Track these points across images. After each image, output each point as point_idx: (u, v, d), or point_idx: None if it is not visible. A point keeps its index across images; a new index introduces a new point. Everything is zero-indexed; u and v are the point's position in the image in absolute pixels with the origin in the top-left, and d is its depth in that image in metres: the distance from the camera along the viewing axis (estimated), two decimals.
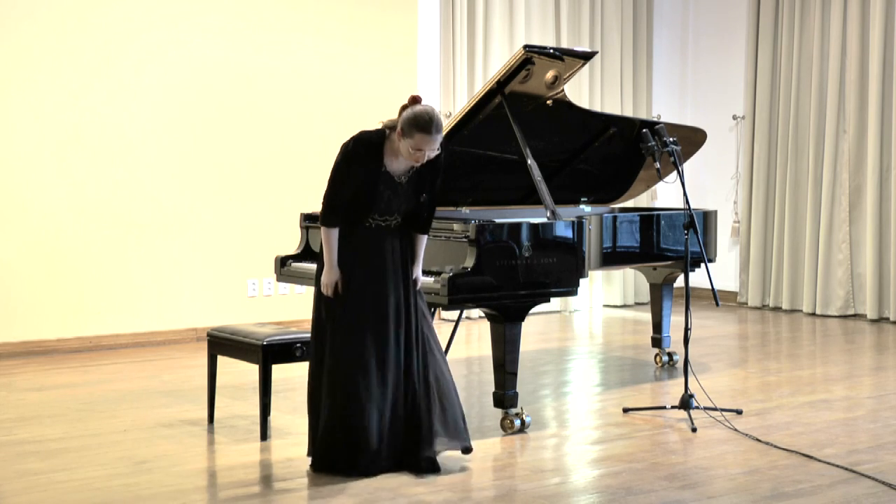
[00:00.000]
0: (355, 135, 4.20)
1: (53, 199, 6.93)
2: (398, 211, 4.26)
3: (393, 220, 4.27)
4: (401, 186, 4.22)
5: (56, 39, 6.90)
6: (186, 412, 5.26)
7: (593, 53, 5.47)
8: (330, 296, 4.22)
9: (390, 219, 4.26)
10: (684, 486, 4.10)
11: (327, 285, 4.22)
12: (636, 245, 5.80)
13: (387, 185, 4.19)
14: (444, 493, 4.01)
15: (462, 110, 5.31)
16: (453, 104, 8.43)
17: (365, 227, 4.23)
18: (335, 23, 7.93)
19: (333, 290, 4.22)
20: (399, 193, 4.22)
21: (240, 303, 7.63)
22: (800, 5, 8.87)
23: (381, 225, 4.25)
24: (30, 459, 4.42)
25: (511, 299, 4.80)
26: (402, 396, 4.24)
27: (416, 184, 4.26)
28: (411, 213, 4.31)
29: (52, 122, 6.91)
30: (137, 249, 7.23)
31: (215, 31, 7.46)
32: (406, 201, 4.26)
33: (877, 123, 8.38)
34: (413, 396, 4.25)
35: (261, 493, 4.01)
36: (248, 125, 7.63)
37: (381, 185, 4.18)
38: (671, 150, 5.24)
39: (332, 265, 4.22)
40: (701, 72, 9.83)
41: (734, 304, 9.46)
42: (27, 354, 6.82)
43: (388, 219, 4.25)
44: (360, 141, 4.16)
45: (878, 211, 8.43)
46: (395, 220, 4.28)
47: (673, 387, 5.94)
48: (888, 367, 6.61)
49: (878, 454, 4.53)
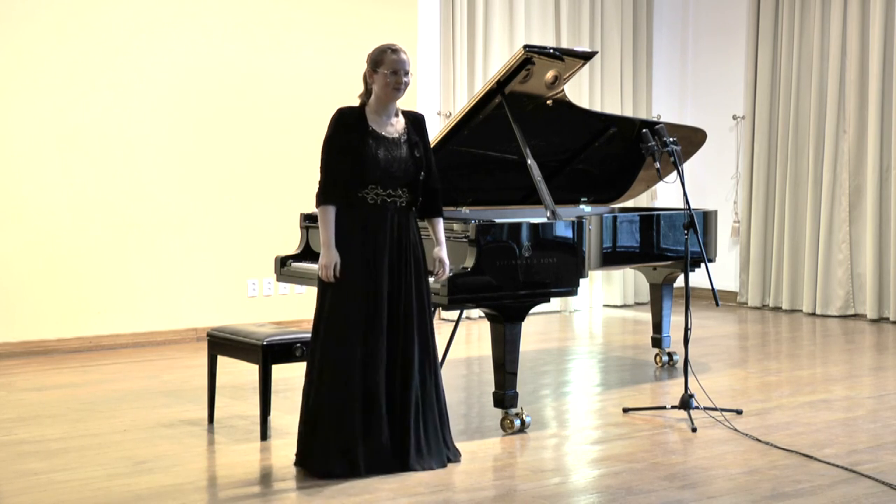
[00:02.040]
0: (337, 109, 4.25)
1: (53, 199, 6.93)
2: (399, 180, 4.19)
3: (397, 196, 4.20)
4: (394, 144, 4.19)
5: (56, 40, 6.89)
6: (186, 412, 5.26)
7: (593, 53, 5.47)
8: (330, 279, 4.14)
9: (394, 194, 4.20)
10: (684, 486, 4.10)
11: (325, 267, 4.14)
12: (636, 245, 5.80)
13: (378, 142, 4.17)
14: (444, 492, 4.01)
15: (462, 110, 5.31)
16: (453, 104, 8.43)
17: (368, 204, 4.16)
18: (335, 23, 7.93)
19: (333, 274, 4.13)
20: (393, 153, 4.18)
21: (240, 303, 7.63)
22: (800, 5, 8.87)
23: (387, 201, 4.18)
24: (30, 459, 4.42)
25: (511, 299, 4.80)
26: (391, 401, 4.18)
27: (408, 145, 4.24)
28: (417, 191, 4.26)
29: (53, 121, 6.91)
30: (137, 249, 7.23)
31: (215, 31, 7.46)
32: (404, 164, 4.20)
33: (877, 123, 8.38)
34: (402, 404, 4.19)
35: (261, 493, 4.01)
36: (248, 125, 7.63)
37: (372, 142, 4.16)
38: (671, 150, 5.24)
39: (330, 246, 4.15)
40: (701, 72, 9.83)
41: (734, 304, 9.46)
42: (27, 354, 6.82)
43: (391, 193, 4.19)
44: (344, 110, 4.23)
45: (878, 211, 8.43)
46: (399, 196, 4.21)
47: (673, 387, 5.94)
48: (888, 367, 6.61)
49: (878, 454, 4.53)
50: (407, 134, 4.28)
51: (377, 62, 4.22)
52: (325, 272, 4.15)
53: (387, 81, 4.19)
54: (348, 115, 4.22)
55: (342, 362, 4.14)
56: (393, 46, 4.26)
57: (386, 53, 4.22)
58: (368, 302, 4.16)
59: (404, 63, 4.22)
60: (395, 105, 4.30)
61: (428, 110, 8.46)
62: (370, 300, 4.16)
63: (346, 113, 4.23)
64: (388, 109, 4.27)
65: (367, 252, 4.17)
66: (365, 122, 4.21)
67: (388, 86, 4.20)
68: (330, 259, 4.14)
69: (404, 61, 4.22)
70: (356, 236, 4.17)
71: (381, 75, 4.20)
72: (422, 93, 8.41)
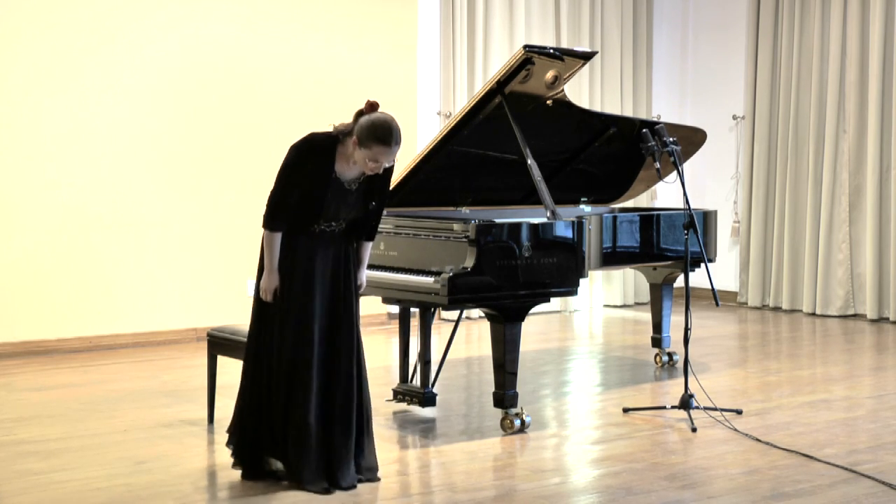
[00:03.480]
0: (306, 136, 4.04)
1: (54, 199, 6.92)
2: (345, 218, 4.14)
3: (338, 227, 4.14)
4: (350, 194, 4.08)
5: (56, 41, 6.89)
6: (186, 412, 5.26)
7: (593, 53, 5.47)
8: (270, 301, 4.10)
9: (335, 224, 4.13)
10: (684, 486, 4.10)
11: (266, 290, 4.09)
12: (636, 245, 5.80)
13: (336, 192, 4.03)
14: (445, 492, 4.01)
15: (462, 110, 5.30)
16: (453, 104, 8.43)
17: (308, 231, 4.11)
18: (335, 22, 7.92)
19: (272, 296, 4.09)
20: (348, 201, 4.08)
21: (240, 303, 7.62)
22: (800, 5, 8.87)
23: (326, 231, 4.12)
24: (30, 459, 4.42)
25: (511, 299, 4.80)
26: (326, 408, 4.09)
27: (365, 192, 4.13)
28: (358, 220, 4.19)
29: (52, 121, 6.91)
30: (137, 249, 7.23)
31: (215, 30, 7.46)
32: (354, 209, 4.13)
33: (877, 123, 8.38)
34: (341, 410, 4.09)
35: (261, 492, 4.01)
36: (248, 125, 7.63)
37: (331, 192, 4.01)
38: (671, 150, 5.24)
39: (273, 270, 4.08)
40: (701, 72, 9.83)
41: (734, 304, 9.46)
42: (27, 354, 6.82)
43: (332, 224, 4.12)
44: (313, 144, 4.02)
45: (878, 211, 8.43)
46: (341, 225, 4.15)
47: (673, 387, 5.94)
48: (888, 367, 6.61)
49: (878, 454, 4.53)
50: (368, 182, 4.11)
51: (364, 142, 3.94)
52: (267, 296, 4.10)
53: (366, 163, 3.97)
54: (319, 151, 4.01)
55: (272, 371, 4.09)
56: (388, 139, 3.93)
57: (377, 144, 3.93)
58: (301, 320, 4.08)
59: (392, 156, 3.99)
60: None
61: (428, 110, 8.46)
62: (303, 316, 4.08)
63: (317, 146, 4.02)
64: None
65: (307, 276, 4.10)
66: (331, 163, 4.01)
67: (366, 166, 3.99)
68: (272, 284, 4.09)
69: (393, 154, 3.97)
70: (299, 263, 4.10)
71: (362, 153, 3.96)
72: (422, 93, 8.41)
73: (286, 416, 4.07)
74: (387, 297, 5.27)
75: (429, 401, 5.21)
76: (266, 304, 4.14)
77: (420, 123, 8.37)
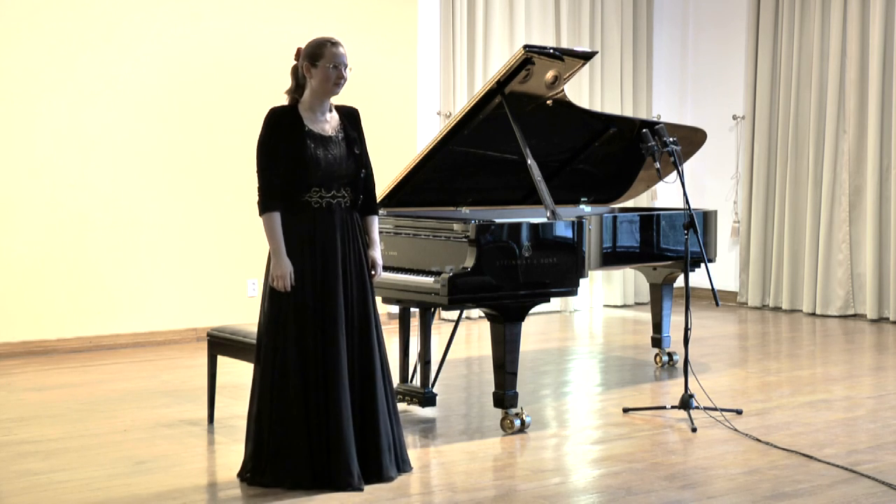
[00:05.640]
0: (270, 109, 4.08)
1: (54, 198, 6.92)
2: (342, 179, 4.04)
3: (341, 197, 4.05)
4: (331, 143, 4.02)
5: (56, 41, 6.90)
6: (186, 412, 5.26)
7: (593, 53, 5.47)
8: (286, 289, 3.97)
9: (338, 195, 4.04)
10: (684, 486, 4.10)
11: (280, 277, 3.97)
12: (636, 245, 5.80)
13: (316, 142, 4.00)
14: (445, 492, 4.01)
15: (462, 110, 5.30)
16: (453, 104, 8.43)
17: (313, 207, 4.01)
18: (334, 22, 7.92)
19: (288, 282, 3.98)
20: (332, 152, 4.01)
21: (240, 303, 7.63)
22: (800, 5, 8.87)
23: (331, 203, 4.03)
24: (30, 459, 4.42)
25: (511, 299, 4.80)
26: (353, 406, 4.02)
27: (346, 142, 4.08)
28: (358, 191, 4.10)
29: (52, 121, 6.91)
30: (137, 249, 7.23)
31: (212, 29, 7.46)
32: (343, 164, 4.04)
33: (877, 123, 8.38)
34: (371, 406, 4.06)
35: (261, 493, 4.01)
36: (248, 124, 7.61)
37: (311, 142, 3.99)
38: (671, 150, 5.24)
39: (281, 255, 3.96)
40: (701, 72, 9.83)
41: (734, 304, 9.46)
42: (27, 354, 6.82)
43: (335, 195, 4.03)
44: (275, 112, 4.07)
45: (878, 211, 8.43)
46: (343, 196, 4.05)
47: (673, 387, 5.94)
48: (888, 367, 6.61)
49: (878, 454, 4.53)
50: (343, 130, 4.10)
51: (316, 56, 4.03)
52: (280, 283, 3.98)
53: (328, 75, 4.01)
54: (282, 115, 4.05)
55: (297, 374, 3.99)
56: (332, 39, 4.07)
57: (326, 47, 4.04)
58: (325, 313, 4.00)
59: (344, 57, 4.05)
60: (330, 101, 4.15)
61: (428, 110, 8.46)
62: (326, 309, 4.00)
63: (280, 113, 4.06)
64: (323, 106, 4.10)
65: (318, 261, 4.01)
66: (300, 121, 4.03)
67: (329, 80, 4.02)
68: (283, 269, 3.97)
69: (344, 55, 4.05)
70: (306, 245, 4.02)
71: (321, 69, 4.01)
72: (422, 93, 8.41)
73: (325, 417, 3.96)
74: (387, 297, 5.26)
75: (429, 401, 5.22)
76: (280, 299, 4.01)
77: (420, 123, 8.37)
